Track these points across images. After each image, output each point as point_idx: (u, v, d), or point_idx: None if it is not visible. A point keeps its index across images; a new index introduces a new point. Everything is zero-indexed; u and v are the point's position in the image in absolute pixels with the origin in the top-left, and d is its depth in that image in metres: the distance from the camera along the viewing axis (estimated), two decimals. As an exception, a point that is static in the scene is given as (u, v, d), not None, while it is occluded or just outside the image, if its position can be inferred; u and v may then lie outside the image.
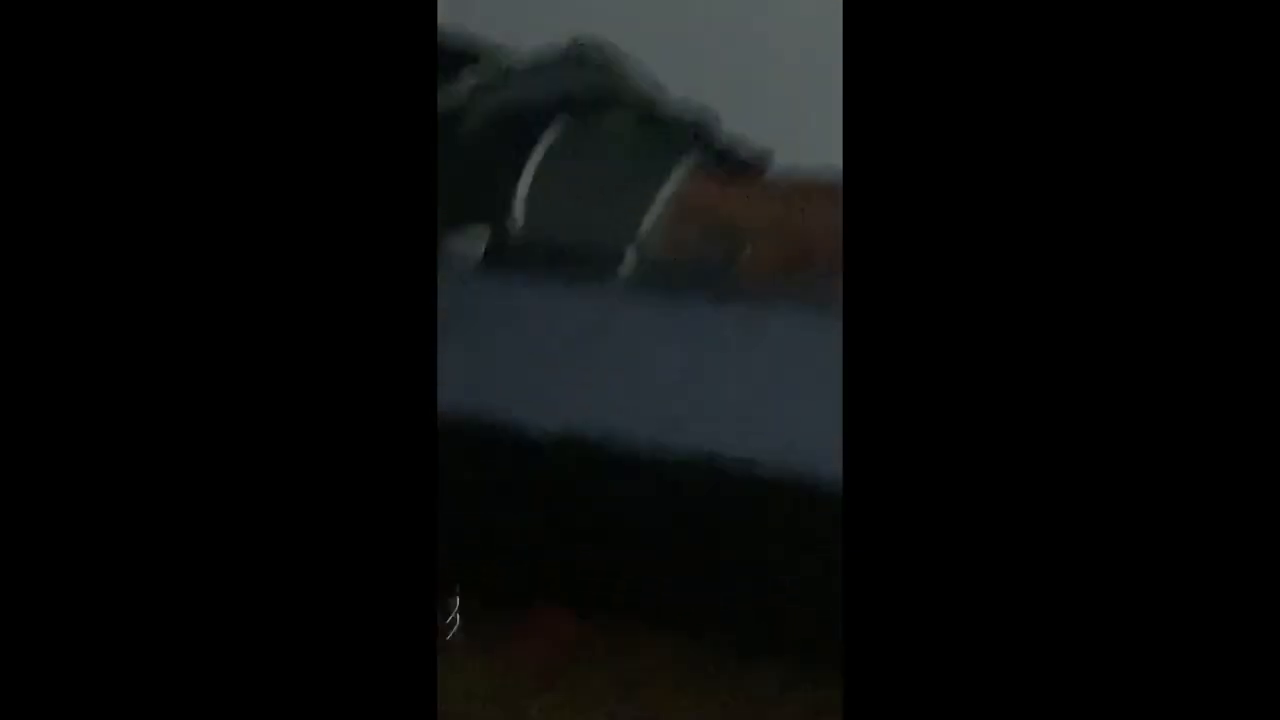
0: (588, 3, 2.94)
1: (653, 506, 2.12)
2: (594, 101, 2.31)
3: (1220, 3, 1.35)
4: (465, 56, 2.54)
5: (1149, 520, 1.34)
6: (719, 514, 2.09)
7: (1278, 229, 1.34)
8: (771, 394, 2.02)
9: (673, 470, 2.07)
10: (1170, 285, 1.35)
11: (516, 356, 2.12)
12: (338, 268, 1.38)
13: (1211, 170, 1.35)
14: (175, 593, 1.37)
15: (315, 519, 1.38)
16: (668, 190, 2.17)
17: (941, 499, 1.35)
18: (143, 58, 1.39)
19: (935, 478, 1.35)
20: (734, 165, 2.33)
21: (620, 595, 2.17)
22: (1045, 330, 1.35)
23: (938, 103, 1.36)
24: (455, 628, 2.35)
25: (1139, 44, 1.36)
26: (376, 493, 1.38)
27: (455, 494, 2.24)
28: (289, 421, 1.38)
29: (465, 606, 2.35)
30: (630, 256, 2.18)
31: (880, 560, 1.34)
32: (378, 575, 1.38)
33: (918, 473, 1.35)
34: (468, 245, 2.23)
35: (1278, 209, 1.34)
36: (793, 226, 2.20)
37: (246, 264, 1.38)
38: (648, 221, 2.17)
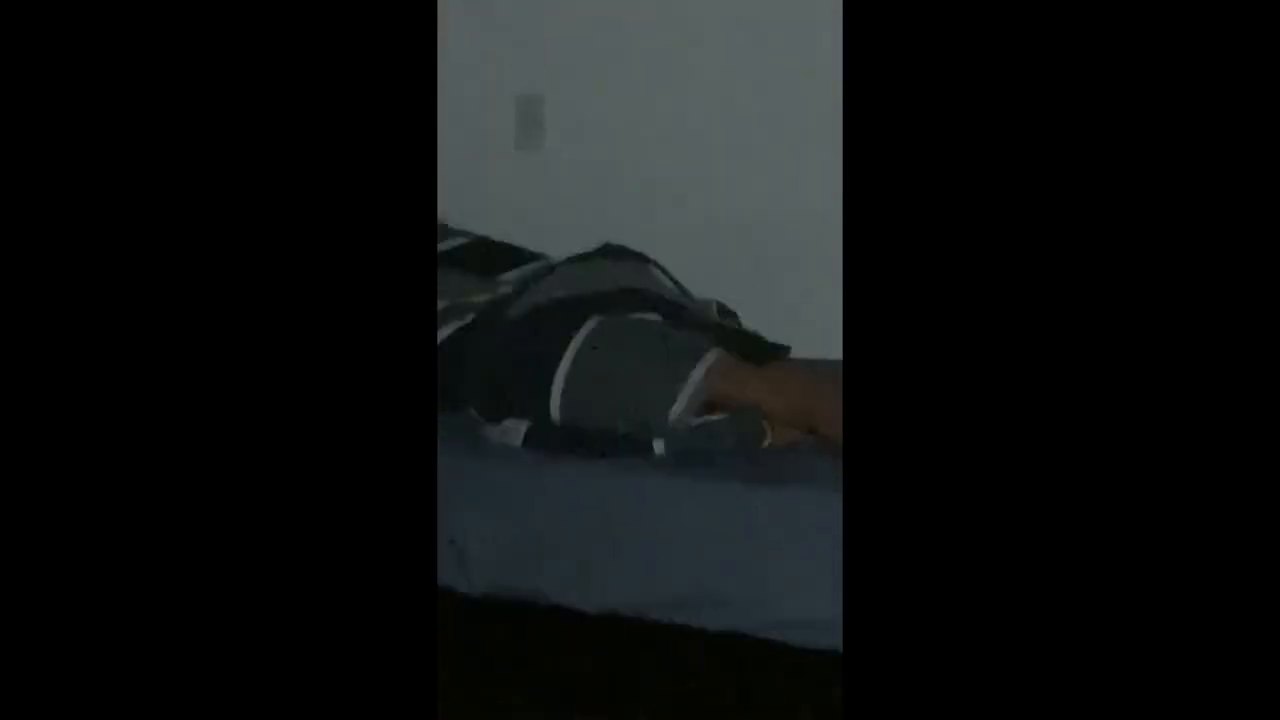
0: (618, 212, 3.09)
1: (682, 679, 2.22)
2: (624, 299, 2.47)
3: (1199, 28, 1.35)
4: (508, 258, 2.72)
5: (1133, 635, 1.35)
6: (742, 688, 2.19)
7: (1277, 229, 1.34)
8: (797, 571, 2.14)
9: (699, 645, 2.18)
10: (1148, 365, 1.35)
11: (555, 535, 2.25)
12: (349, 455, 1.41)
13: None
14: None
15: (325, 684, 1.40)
16: (694, 381, 2.32)
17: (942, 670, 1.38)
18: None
19: (935, 651, 1.37)
20: (753, 357, 2.48)
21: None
22: (1033, 504, 1.37)
23: (933, 293, 1.39)
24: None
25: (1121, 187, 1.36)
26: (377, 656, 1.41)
27: (494, 667, 2.34)
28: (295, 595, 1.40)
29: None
30: (661, 442, 2.33)
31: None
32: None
33: (917, 643, 1.37)
34: (509, 431, 2.37)
35: (1276, 209, 1.34)
36: (809, 413, 2.35)
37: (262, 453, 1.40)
38: (676, 409, 2.31)
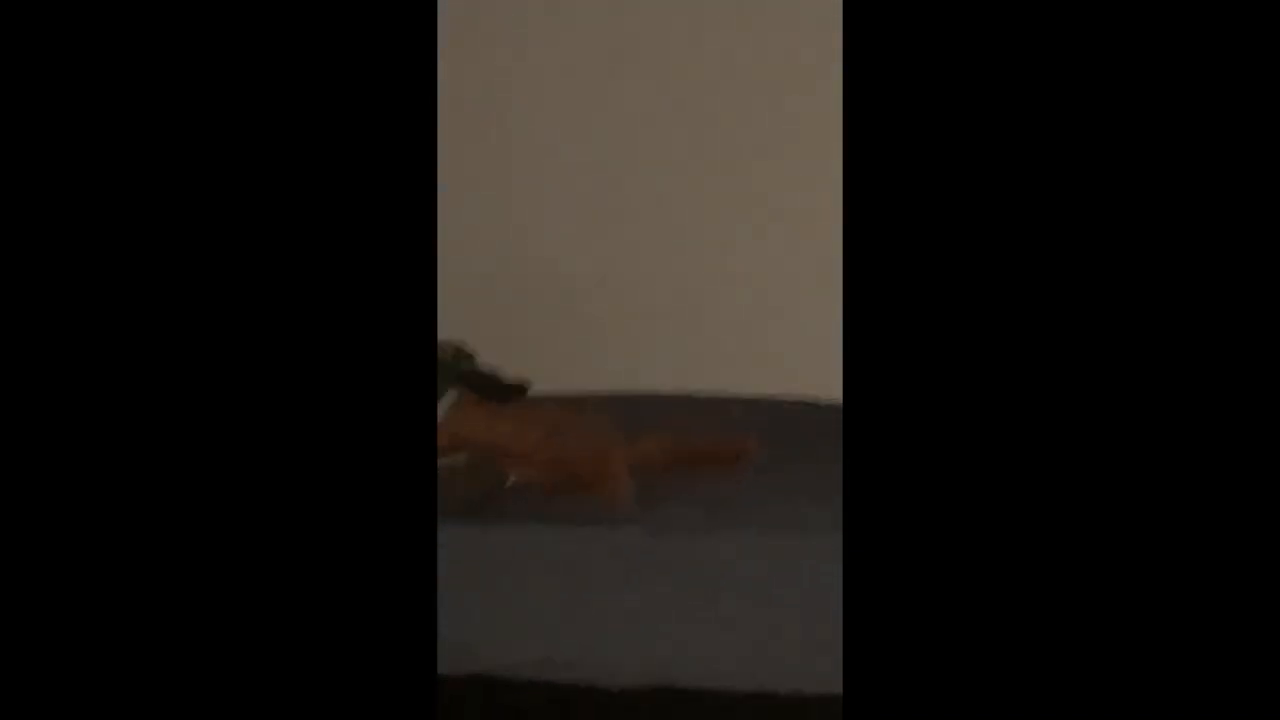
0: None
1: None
2: None
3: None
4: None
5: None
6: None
7: (1277, 229, 1.36)
8: (542, 613, 2.05)
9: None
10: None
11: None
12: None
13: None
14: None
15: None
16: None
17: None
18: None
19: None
20: (494, 395, 2.40)
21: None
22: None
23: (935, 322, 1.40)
24: None
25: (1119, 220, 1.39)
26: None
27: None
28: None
29: None
30: None
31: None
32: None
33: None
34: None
35: (1277, 210, 1.36)
36: (551, 452, 2.29)
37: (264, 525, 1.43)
38: None
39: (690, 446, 2.41)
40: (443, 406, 2.27)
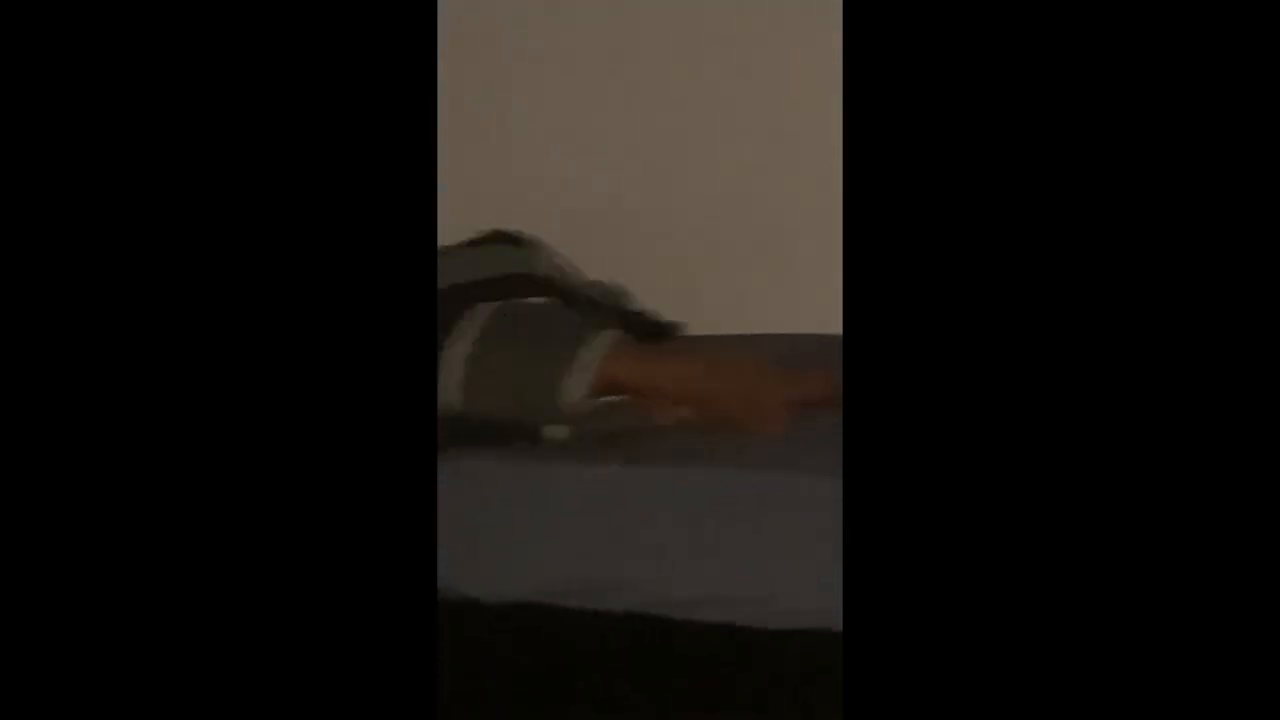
0: (508, 193, 3.08)
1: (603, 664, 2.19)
2: (515, 284, 2.41)
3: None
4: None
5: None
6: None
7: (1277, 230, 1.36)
8: (693, 552, 2.11)
9: (613, 625, 2.16)
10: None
11: (461, 529, 2.19)
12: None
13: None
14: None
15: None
16: (589, 362, 2.26)
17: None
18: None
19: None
20: (649, 335, 2.43)
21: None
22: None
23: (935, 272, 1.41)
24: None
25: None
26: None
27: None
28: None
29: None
30: (559, 427, 2.27)
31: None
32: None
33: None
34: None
35: (1277, 210, 1.36)
36: (707, 391, 2.31)
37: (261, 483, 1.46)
38: (573, 393, 2.25)
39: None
40: (600, 346, 2.25)
